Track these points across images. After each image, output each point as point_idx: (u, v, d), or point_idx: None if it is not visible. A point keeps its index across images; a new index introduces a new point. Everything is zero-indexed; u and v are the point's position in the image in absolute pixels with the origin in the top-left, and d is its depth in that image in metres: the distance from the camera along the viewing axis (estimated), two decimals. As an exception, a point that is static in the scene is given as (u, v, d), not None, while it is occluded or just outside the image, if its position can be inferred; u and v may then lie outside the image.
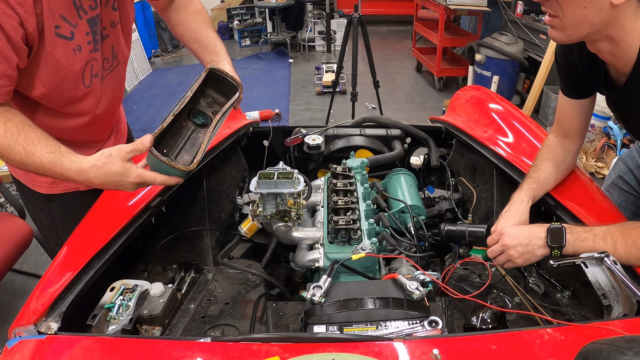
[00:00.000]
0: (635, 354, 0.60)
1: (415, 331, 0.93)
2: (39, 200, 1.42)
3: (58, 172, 1.06)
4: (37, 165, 1.05)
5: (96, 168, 1.03)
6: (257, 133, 1.91)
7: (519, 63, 4.50)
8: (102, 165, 1.03)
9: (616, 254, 1.03)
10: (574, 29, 1.04)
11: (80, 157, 1.05)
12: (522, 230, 1.14)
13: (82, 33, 1.18)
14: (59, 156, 1.05)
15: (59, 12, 1.11)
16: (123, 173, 1.04)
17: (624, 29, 1.01)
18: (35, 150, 1.04)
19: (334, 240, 1.26)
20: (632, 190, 1.68)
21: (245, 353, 0.84)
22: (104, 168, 1.03)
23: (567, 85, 1.30)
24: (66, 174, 1.05)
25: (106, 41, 1.29)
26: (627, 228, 1.06)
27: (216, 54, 1.39)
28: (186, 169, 1.09)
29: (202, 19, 1.45)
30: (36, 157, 1.04)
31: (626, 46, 1.03)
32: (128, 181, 1.06)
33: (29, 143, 1.04)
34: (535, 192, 1.27)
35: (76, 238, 1.22)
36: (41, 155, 1.04)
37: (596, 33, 1.04)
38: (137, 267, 1.34)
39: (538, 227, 1.13)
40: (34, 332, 0.93)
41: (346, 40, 3.78)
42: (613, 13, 0.99)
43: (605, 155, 3.60)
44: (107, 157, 1.03)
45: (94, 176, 1.04)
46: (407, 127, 1.88)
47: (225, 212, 1.61)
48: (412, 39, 6.39)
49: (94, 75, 1.28)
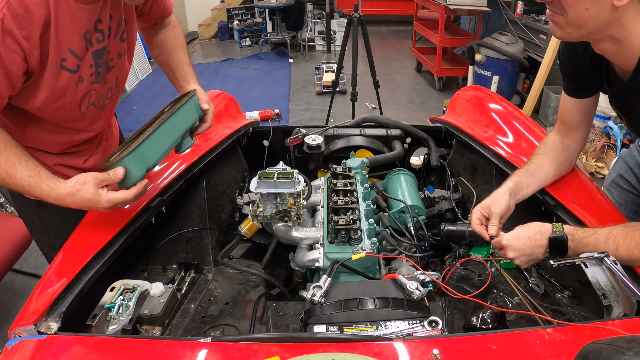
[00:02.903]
0: (635, 354, 0.60)
1: (415, 331, 0.93)
2: (29, 206, 1.41)
3: (37, 195, 1.09)
4: (17, 186, 1.09)
5: (71, 195, 1.07)
6: (257, 133, 1.91)
7: (519, 63, 4.50)
8: (76, 192, 1.07)
9: (618, 256, 1.03)
10: (576, 28, 1.04)
11: (57, 184, 1.08)
12: (523, 241, 1.12)
13: (87, 65, 1.20)
14: (37, 181, 1.08)
15: (67, 45, 1.12)
16: (94, 199, 1.08)
17: (626, 29, 1.02)
18: (16, 173, 1.07)
19: (334, 240, 1.26)
20: (632, 189, 1.68)
21: (245, 353, 0.84)
22: (77, 194, 1.07)
23: (570, 84, 1.30)
24: (44, 198, 1.09)
25: (112, 72, 1.31)
26: (630, 230, 1.05)
27: (184, 79, 1.46)
28: (121, 155, 1.07)
29: (178, 44, 1.50)
30: (17, 179, 1.08)
31: (629, 45, 1.03)
32: (100, 206, 1.09)
33: (10, 165, 1.07)
34: (519, 179, 1.28)
35: (76, 238, 1.22)
36: (22, 178, 1.07)
37: (598, 33, 1.04)
38: (137, 267, 1.34)
39: (539, 235, 1.11)
40: (34, 332, 0.93)
41: (346, 40, 3.78)
42: (615, 14, 1.00)
43: (605, 155, 3.60)
44: (81, 185, 1.07)
45: (70, 202, 1.09)
46: (407, 127, 1.88)
47: (225, 212, 1.61)
48: (412, 39, 6.39)
49: (91, 104, 1.29)
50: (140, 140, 1.10)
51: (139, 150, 1.10)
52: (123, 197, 1.10)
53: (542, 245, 1.10)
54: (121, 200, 1.11)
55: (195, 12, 8.42)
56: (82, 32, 1.14)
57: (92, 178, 1.07)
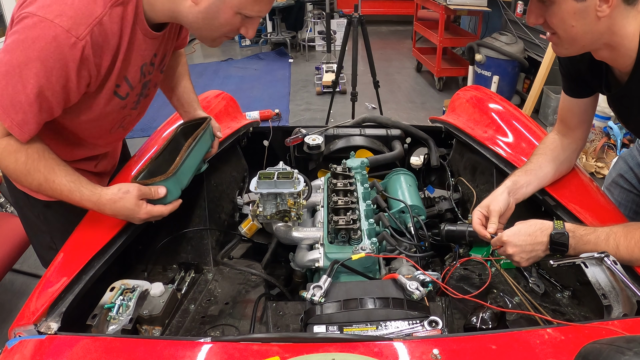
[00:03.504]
0: (635, 354, 0.60)
1: (415, 331, 0.92)
2: (35, 206, 1.41)
3: (75, 200, 1.12)
4: (55, 192, 1.11)
5: (112, 202, 1.12)
6: (257, 133, 1.91)
7: (519, 63, 4.50)
8: (118, 199, 1.12)
9: (618, 255, 1.03)
10: (571, 44, 1.08)
11: (98, 190, 1.13)
12: (524, 237, 1.11)
13: (134, 94, 1.25)
14: (78, 186, 1.11)
15: (125, 74, 1.16)
16: (134, 210, 1.13)
17: (618, 35, 1.03)
18: (55, 178, 1.09)
19: (334, 240, 1.26)
20: (632, 189, 1.68)
21: (245, 353, 0.84)
22: (119, 202, 1.12)
23: (569, 84, 1.30)
24: (82, 203, 1.13)
25: (146, 100, 1.36)
26: (630, 229, 1.05)
27: (189, 105, 1.54)
28: (165, 176, 1.17)
29: (185, 71, 1.56)
30: (56, 184, 1.10)
31: (624, 50, 1.05)
32: (137, 217, 1.15)
33: (49, 170, 1.09)
34: (517, 178, 1.28)
35: (76, 238, 1.22)
36: (61, 183, 1.10)
37: (593, 44, 1.07)
38: (137, 267, 1.34)
39: (540, 232, 1.11)
40: (34, 332, 0.93)
41: (346, 40, 3.78)
42: (604, 24, 1.01)
43: (605, 155, 3.60)
44: (124, 194, 1.12)
45: (110, 209, 1.13)
46: (407, 127, 1.88)
47: (225, 212, 1.61)
48: (412, 39, 6.39)
49: (119, 127, 1.35)
50: (177, 164, 1.20)
51: (177, 173, 1.20)
52: (160, 211, 1.17)
53: (542, 242, 1.10)
54: (158, 213, 1.17)
55: (195, 12, 8.41)
56: (140, 64, 1.19)
57: (135, 189, 1.12)
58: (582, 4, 0.98)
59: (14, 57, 0.98)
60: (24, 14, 0.99)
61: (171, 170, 1.18)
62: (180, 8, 1.10)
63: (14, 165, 1.06)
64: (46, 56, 0.97)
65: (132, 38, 1.11)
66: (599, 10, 0.98)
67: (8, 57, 0.99)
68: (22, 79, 0.98)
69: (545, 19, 1.05)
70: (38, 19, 0.97)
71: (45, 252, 1.51)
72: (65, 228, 1.28)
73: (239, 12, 1.09)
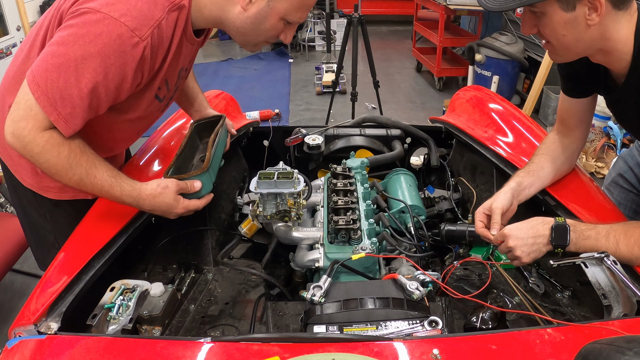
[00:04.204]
0: (635, 354, 0.60)
1: (415, 331, 0.92)
2: (42, 205, 1.40)
3: (114, 195, 1.13)
4: (94, 186, 1.11)
5: (152, 197, 1.15)
6: (257, 133, 1.91)
7: (519, 63, 4.50)
8: (157, 194, 1.15)
9: (618, 253, 1.04)
10: (564, 52, 1.10)
11: (138, 184, 1.15)
12: (525, 230, 1.13)
13: (168, 98, 1.30)
14: (119, 181, 1.13)
15: (166, 77, 1.20)
16: (173, 204, 1.17)
17: (611, 40, 1.04)
18: (97, 173, 1.10)
19: (334, 240, 1.26)
20: (632, 188, 1.68)
21: (245, 353, 0.84)
22: (159, 197, 1.15)
23: (568, 84, 1.30)
24: (122, 198, 1.14)
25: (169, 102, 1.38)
26: (630, 227, 1.06)
27: (200, 104, 1.60)
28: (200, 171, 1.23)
29: (192, 73, 1.59)
30: (97, 179, 1.11)
31: (618, 54, 1.06)
32: (174, 212, 1.19)
33: (91, 165, 1.10)
34: (521, 179, 1.29)
35: (76, 238, 1.22)
36: (102, 177, 1.11)
37: (587, 50, 1.09)
38: (137, 267, 1.34)
39: (541, 225, 1.12)
40: (34, 332, 0.93)
41: (346, 40, 3.78)
42: (595, 31, 1.02)
43: (605, 155, 3.60)
44: (163, 189, 1.15)
45: (149, 203, 1.16)
46: (407, 127, 1.88)
47: (225, 212, 1.61)
48: (412, 39, 6.39)
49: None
50: (209, 158, 1.26)
51: (209, 168, 1.26)
52: (195, 205, 1.22)
53: (544, 235, 1.11)
54: (194, 207, 1.22)
55: (195, 12, 8.42)
56: (179, 68, 1.24)
57: (173, 184, 1.16)
58: (571, 14, 1.00)
59: (71, 50, 0.98)
60: (85, 9, 1.00)
61: (205, 164, 1.24)
62: (229, 15, 1.15)
63: (55, 159, 1.05)
64: (108, 53, 0.98)
65: (180, 43, 1.15)
66: (589, 19, 1.00)
67: (63, 49, 0.98)
68: (77, 73, 0.98)
69: (539, 29, 1.07)
70: (102, 16, 0.98)
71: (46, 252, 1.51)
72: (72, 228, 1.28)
73: (283, 18, 1.15)
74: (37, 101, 0.99)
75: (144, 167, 1.50)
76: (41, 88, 0.98)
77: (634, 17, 1.03)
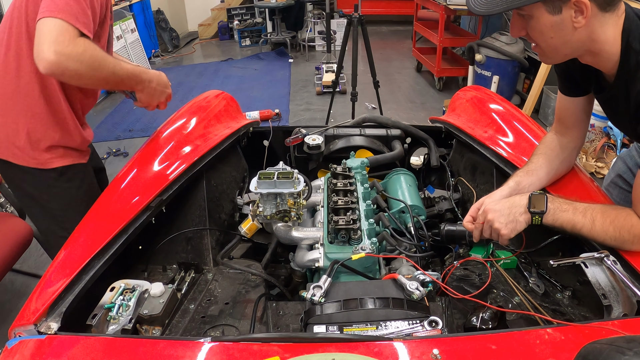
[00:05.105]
0: (635, 354, 0.60)
1: (415, 331, 0.93)
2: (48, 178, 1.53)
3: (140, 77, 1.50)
4: (124, 72, 1.42)
5: (158, 75, 1.59)
6: (257, 133, 1.91)
7: (519, 63, 4.49)
8: (160, 74, 1.61)
9: (593, 230, 1.07)
10: (553, 54, 1.12)
11: (150, 70, 1.57)
12: (502, 202, 1.18)
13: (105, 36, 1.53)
14: (140, 67, 1.52)
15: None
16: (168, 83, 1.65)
17: (598, 42, 1.06)
18: (122, 64, 1.42)
19: (334, 240, 1.26)
20: (631, 189, 1.67)
21: (245, 353, 0.84)
22: (162, 76, 1.61)
23: (564, 83, 1.31)
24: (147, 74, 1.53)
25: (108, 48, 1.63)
26: (608, 208, 1.10)
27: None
28: None
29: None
30: (124, 67, 1.42)
31: (606, 55, 1.07)
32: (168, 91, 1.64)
33: (115, 59, 1.41)
34: (520, 178, 1.31)
35: (76, 238, 1.22)
36: (128, 67, 1.45)
37: (575, 52, 1.10)
38: (137, 267, 1.34)
39: (519, 196, 1.17)
40: (34, 332, 0.93)
41: (346, 40, 3.78)
42: (582, 33, 1.04)
43: (605, 155, 3.60)
44: (160, 73, 1.61)
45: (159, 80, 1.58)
46: (407, 127, 1.88)
47: (225, 212, 1.61)
48: (412, 39, 6.39)
49: None
50: None
51: None
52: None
53: (520, 205, 1.14)
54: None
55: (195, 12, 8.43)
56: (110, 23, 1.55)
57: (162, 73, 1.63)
58: (558, 17, 1.01)
59: None
60: None
61: None
62: None
63: (96, 51, 1.31)
64: None
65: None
66: (575, 21, 1.01)
67: None
68: None
69: (527, 32, 1.09)
70: None
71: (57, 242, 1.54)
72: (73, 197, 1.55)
73: None
74: (64, 20, 1.24)
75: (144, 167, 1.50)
76: (65, 11, 1.25)
77: (621, 18, 1.05)
